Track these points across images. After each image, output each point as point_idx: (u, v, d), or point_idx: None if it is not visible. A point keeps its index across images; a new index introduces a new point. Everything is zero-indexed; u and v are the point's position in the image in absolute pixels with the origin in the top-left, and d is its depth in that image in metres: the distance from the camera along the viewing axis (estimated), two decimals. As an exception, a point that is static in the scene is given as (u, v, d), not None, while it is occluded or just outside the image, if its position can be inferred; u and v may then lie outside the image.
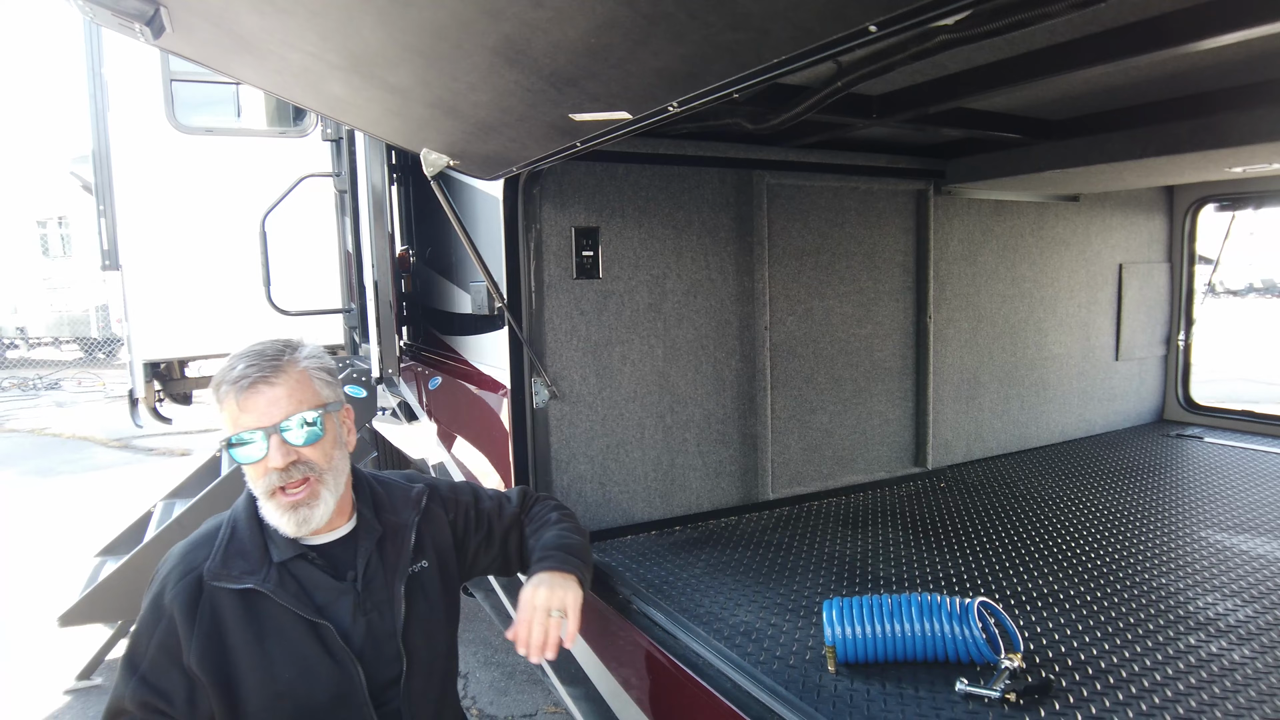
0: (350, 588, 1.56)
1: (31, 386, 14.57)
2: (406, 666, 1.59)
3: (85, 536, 5.93)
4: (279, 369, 1.50)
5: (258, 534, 1.53)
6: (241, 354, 1.52)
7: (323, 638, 1.50)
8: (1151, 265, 4.64)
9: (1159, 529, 2.90)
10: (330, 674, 1.49)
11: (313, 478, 1.50)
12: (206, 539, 1.55)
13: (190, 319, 5.06)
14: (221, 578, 1.48)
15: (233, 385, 1.47)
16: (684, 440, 3.13)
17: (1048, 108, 2.96)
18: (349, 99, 2.11)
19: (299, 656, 1.47)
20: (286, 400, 1.49)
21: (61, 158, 15.51)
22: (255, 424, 1.47)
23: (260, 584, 1.48)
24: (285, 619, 1.49)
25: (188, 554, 1.52)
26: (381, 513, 1.67)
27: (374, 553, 1.62)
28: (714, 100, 1.42)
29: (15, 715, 3.71)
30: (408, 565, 1.64)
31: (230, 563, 1.49)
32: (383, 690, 1.56)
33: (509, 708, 3.73)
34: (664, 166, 3.01)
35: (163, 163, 4.96)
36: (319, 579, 1.54)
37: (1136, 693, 1.76)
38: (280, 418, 1.48)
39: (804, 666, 1.93)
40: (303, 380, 1.52)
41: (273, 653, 1.47)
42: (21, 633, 4.57)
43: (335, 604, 1.54)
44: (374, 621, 1.57)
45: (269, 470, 1.48)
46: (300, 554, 1.54)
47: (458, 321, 3.52)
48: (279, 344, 1.56)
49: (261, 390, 1.47)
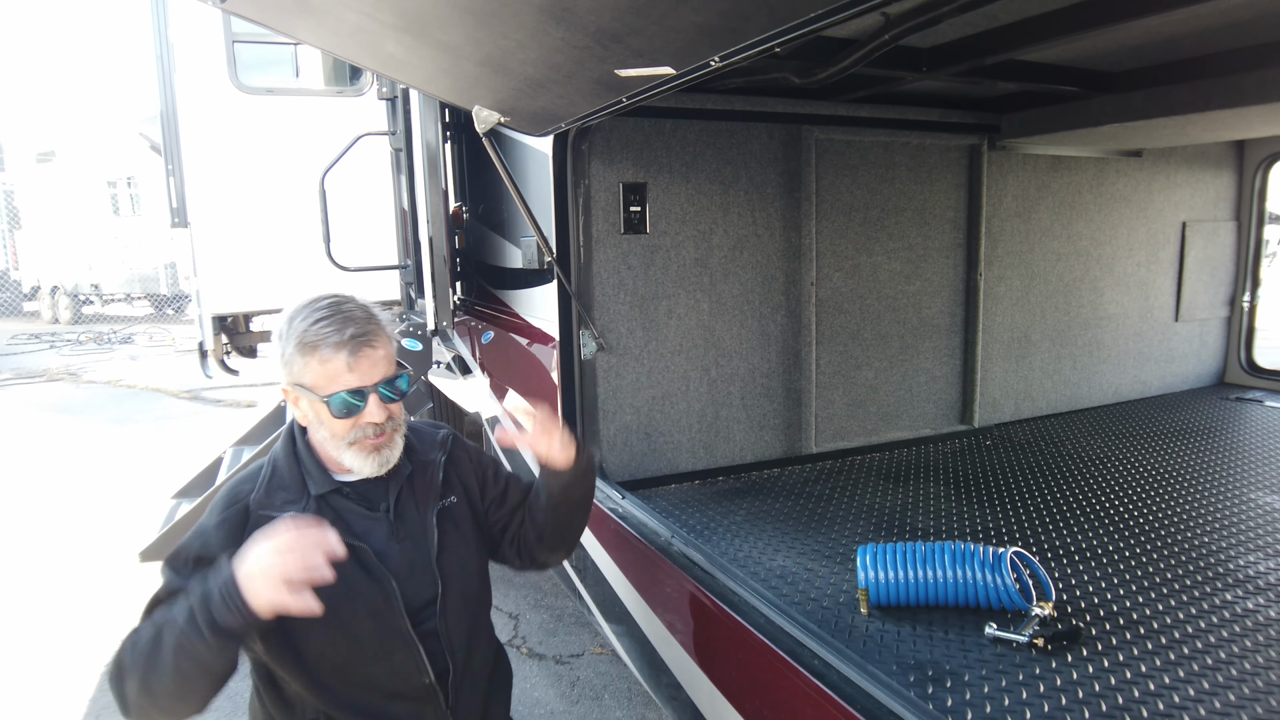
0: (383, 517, 1.71)
1: (106, 340, 15.25)
2: (442, 589, 1.72)
3: (161, 480, 6.28)
4: (378, 334, 1.65)
5: (296, 470, 1.68)
6: (326, 309, 1.61)
7: (360, 559, 1.63)
8: (1217, 224, 4.49)
9: (1206, 489, 2.87)
10: (368, 591, 1.62)
11: (390, 428, 1.67)
12: (250, 476, 1.70)
13: (254, 275, 5.26)
14: (266, 506, 1.62)
15: (337, 346, 1.58)
16: (728, 393, 3.19)
17: (1107, 59, 2.88)
18: (403, 58, 2.19)
19: (339, 575, 1.56)
20: (385, 363, 1.64)
21: (130, 119, 16.00)
22: (359, 383, 1.60)
23: (301, 511, 1.62)
24: None
25: (234, 489, 1.68)
26: (410, 453, 1.80)
27: (404, 487, 1.75)
28: (755, 54, 1.45)
29: (102, 644, 4.01)
30: (437, 499, 1.78)
31: (273, 494, 1.65)
32: (419, 610, 1.69)
33: (557, 648, 3.89)
34: (711, 122, 3.03)
35: (226, 123, 5.12)
36: (354, 510, 1.69)
37: (1166, 643, 1.79)
38: (380, 378, 1.63)
39: (837, 608, 2.00)
40: (391, 345, 1.69)
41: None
42: (107, 566, 4.90)
43: (370, 531, 1.68)
44: (407, 548, 1.70)
45: (362, 424, 1.62)
46: (335, 489, 1.68)
47: (509, 276, 3.61)
48: (360, 306, 1.67)
49: (367, 353, 1.61)
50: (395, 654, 1.65)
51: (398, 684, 1.66)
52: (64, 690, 3.61)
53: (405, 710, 1.67)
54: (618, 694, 3.48)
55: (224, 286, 5.27)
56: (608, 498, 2.76)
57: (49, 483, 6.69)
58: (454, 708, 1.71)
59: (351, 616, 1.58)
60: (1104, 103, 3.15)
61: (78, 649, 3.96)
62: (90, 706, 3.48)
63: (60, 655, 3.91)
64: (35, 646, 4.01)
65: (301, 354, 1.60)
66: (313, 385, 1.60)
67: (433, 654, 1.68)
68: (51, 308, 18.73)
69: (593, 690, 3.52)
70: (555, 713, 3.36)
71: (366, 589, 1.62)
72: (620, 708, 3.38)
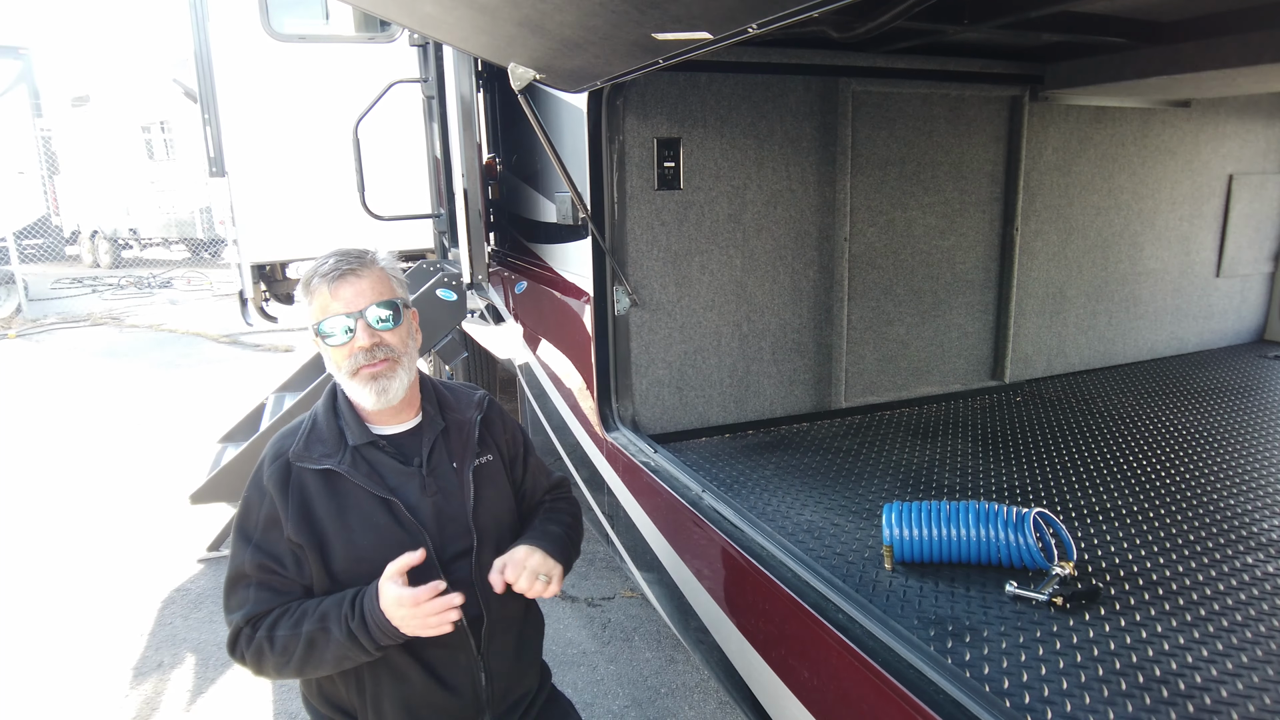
0: (416, 472, 1.77)
1: (146, 285, 15.55)
2: (477, 543, 1.79)
3: (206, 423, 6.49)
4: (364, 264, 1.72)
5: (334, 423, 1.76)
6: (328, 254, 1.74)
7: (393, 511, 1.71)
8: (1266, 176, 4.37)
9: (1237, 450, 2.87)
10: (401, 541, 1.70)
11: (390, 358, 1.73)
12: (293, 430, 1.79)
13: (291, 223, 5.33)
14: (304, 459, 1.71)
15: (324, 277, 1.69)
16: (759, 348, 3.22)
17: (1156, 9, 2.80)
18: (439, 16, 2.19)
19: (374, 526, 1.70)
20: (371, 290, 1.71)
21: (162, 64, 16.03)
22: (344, 309, 1.69)
23: (336, 465, 1.70)
24: (360, 494, 1.71)
25: (279, 441, 1.77)
26: (446, 411, 1.87)
27: (439, 443, 1.82)
28: (794, 20, 1.45)
29: (157, 581, 4.23)
30: (473, 456, 1.84)
31: (311, 447, 1.73)
32: (453, 561, 1.77)
33: (589, 590, 4.03)
34: (747, 75, 3.00)
35: (259, 71, 5.13)
36: (388, 463, 1.76)
37: (1184, 604, 1.83)
38: (365, 304, 1.70)
39: (862, 563, 2.07)
40: (382, 276, 1.75)
41: (352, 523, 1.70)
42: (158, 509, 5.12)
43: (404, 485, 1.75)
44: (439, 502, 1.77)
45: (354, 351, 1.70)
46: (371, 441, 1.76)
47: (543, 230, 3.64)
48: (359, 249, 1.77)
49: (349, 281, 1.69)
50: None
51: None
52: (126, 621, 3.83)
53: (440, 655, 1.76)
54: (647, 636, 3.61)
55: (262, 235, 5.35)
56: (640, 450, 2.83)
57: (102, 426, 6.95)
58: (485, 653, 1.79)
59: (386, 562, 1.64)
60: (1151, 54, 3.06)
61: (140, 582, 4.18)
62: (150, 640, 3.69)
63: (123, 588, 4.13)
64: (100, 581, 4.24)
65: (304, 296, 1.73)
66: (312, 321, 1.71)
67: (466, 604, 1.73)
68: (92, 252, 19.08)
69: (623, 632, 3.66)
70: (587, 653, 3.50)
71: (399, 539, 1.69)
72: (649, 649, 3.51)
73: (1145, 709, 1.48)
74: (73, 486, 5.56)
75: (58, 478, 5.74)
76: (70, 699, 3.27)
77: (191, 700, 3.25)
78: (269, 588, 1.67)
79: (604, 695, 3.21)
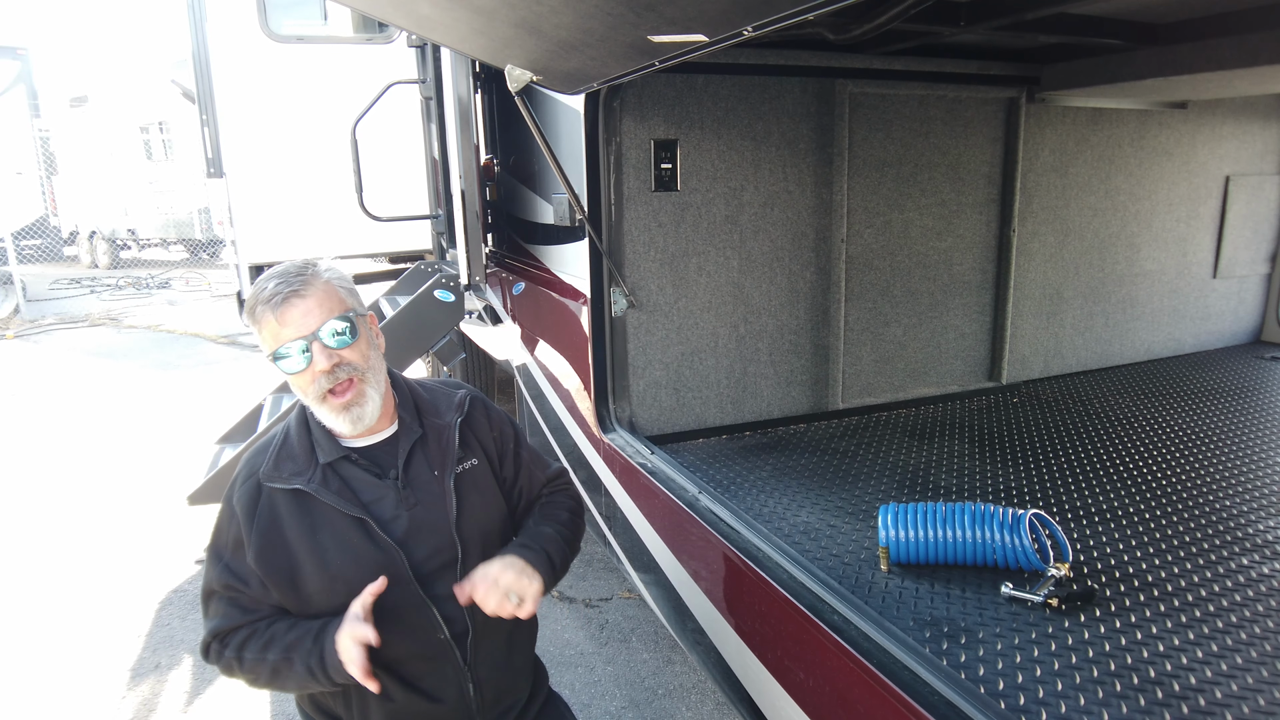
0: (392, 484, 1.69)
1: (145, 285, 15.54)
2: (461, 554, 1.72)
3: (204, 424, 6.49)
4: (306, 282, 1.60)
5: (305, 439, 1.68)
6: (266, 277, 1.63)
7: (366, 529, 1.64)
8: (1263, 178, 4.38)
9: (1233, 452, 2.88)
10: (376, 560, 1.64)
11: (355, 377, 1.63)
12: (263, 448, 1.71)
13: (289, 224, 5.33)
14: (274, 479, 1.64)
15: (267, 304, 1.58)
16: (756, 350, 3.23)
17: (1153, 11, 2.80)
18: (436, 18, 2.20)
19: (347, 545, 1.63)
20: (319, 308, 1.60)
21: (160, 65, 16.02)
22: (295, 334, 1.58)
23: (305, 484, 1.63)
24: (332, 514, 1.64)
25: (251, 459, 1.70)
26: (424, 416, 1.78)
27: (417, 452, 1.73)
28: (790, 22, 1.45)
29: (155, 582, 4.22)
30: (455, 463, 1.75)
31: (281, 465, 1.65)
32: (437, 573, 1.70)
33: (586, 591, 4.03)
34: (744, 77, 3.00)
35: (258, 72, 5.13)
36: (362, 478, 1.68)
37: (1179, 605, 1.84)
38: (316, 325, 1.59)
39: (858, 565, 2.07)
40: (329, 291, 1.63)
41: (324, 543, 1.63)
42: (156, 510, 5.12)
43: (379, 500, 1.68)
44: (418, 514, 1.69)
45: (316, 376, 1.60)
46: (344, 455, 1.68)
47: (540, 231, 3.64)
48: (298, 264, 1.66)
49: (294, 303, 1.58)
50: (408, 617, 1.66)
51: (413, 645, 1.68)
52: (123, 623, 3.83)
53: (424, 668, 1.71)
54: (645, 637, 3.61)
55: (260, 236, 5.35)
56: (637, 452, 2.83)
57: (100, 427, 6.94)
58: (473, 663, 1.73)
59: (362, 584, 1.59)
60: (1148, 56, 3.07)
61: (138, 583, 4.18)
62: (147, 641, 3.69)
63: (121, 589, 4.13)
64: (98, 582, 4.24)
65: (251, 324, 1.62)
66: (266, 350, 1.60)
67: (452, 616, 1.69)
68: (90, 252, 19.06)
69: (621, 633, 3.66)
70: (585, 654, 3.50)
71: (374, 558, 1.63)
72: (647, 650, 3.51)
73: (1140, 710, 1.48)
74: (71, 487, 5.56)
75: (56, 478, 5.74)
76: (67, 700, 3.27)
77: (188, 702, 3.25)
78: (237, 605, 1.64)
79: (601, 696, 3.22)
